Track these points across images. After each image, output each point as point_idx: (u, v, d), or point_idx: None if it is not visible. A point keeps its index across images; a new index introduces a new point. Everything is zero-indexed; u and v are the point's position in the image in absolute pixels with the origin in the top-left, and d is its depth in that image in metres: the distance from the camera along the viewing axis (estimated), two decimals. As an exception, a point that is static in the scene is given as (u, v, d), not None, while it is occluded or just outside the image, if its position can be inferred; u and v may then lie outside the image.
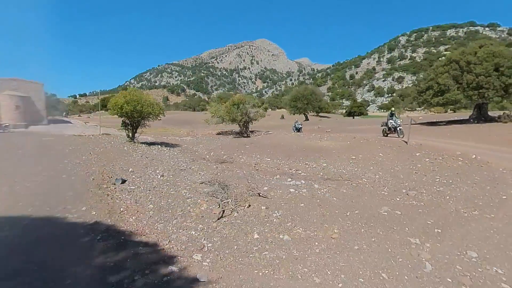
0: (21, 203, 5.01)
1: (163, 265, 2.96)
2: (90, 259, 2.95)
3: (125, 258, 3.01)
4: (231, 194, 5.38)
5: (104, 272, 2.75)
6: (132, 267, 2.84)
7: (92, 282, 2.56)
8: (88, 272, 2.70)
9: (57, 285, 2.46)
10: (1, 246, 3.17)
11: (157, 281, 2.64)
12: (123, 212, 4.83)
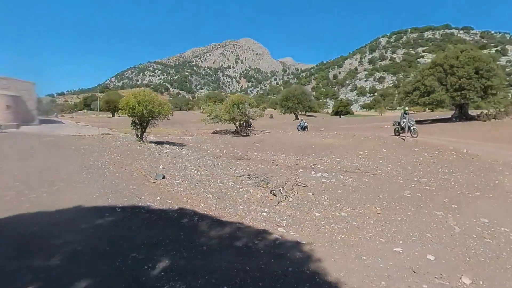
0: (95, 196, 5.64)
1: (265, 234, 3.81)
2: (206, 232, 3.74)
3: (232, 231, 3.83)
4: (276, 184, 6.28)
5: (226, 240, 3.55)
6: (245, 236, 3.66)
7: (224, 247, 3.35)
8: (214, 241, 3.49)
9: (200, 250, 3.23)
10: (123, 227, 3.89)
11: (272, 243, 3.48)
12: (189, 201, 5.58)
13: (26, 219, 4.06)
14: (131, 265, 2.75)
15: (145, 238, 3.48)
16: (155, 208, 4.77)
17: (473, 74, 18.59)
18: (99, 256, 2.94)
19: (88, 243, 3.23)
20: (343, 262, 3.03)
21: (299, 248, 3.34)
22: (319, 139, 14.74)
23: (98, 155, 11.06)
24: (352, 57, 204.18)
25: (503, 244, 3.62)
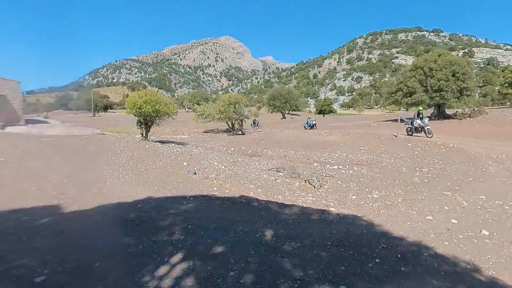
0: (155, 188, 6.28)
1: (326, 211, 4.75)
2: (281, 211, 4.61)
3: (300, 210, 4.70)
4: (305, 175, 7.25)
5: (301, 215, 4.45)
6: (314, 213, 4.58)
7: (305, 220, 4.24)
8: (293, 216, 4.37)
9: (288, 223, 4.09)
10: (209, 210, 4.66)
11: (338, 216, 4.42)
12: (239, 191, 6.40)
13: (115, 208, 4.72)
14: (245, 235, 3.58)
15: (237, 217, 4.30)
16: (221, 196, 5.55)
17: (450, 77, 20.64)
18: (213, 230, 3.74)
19: (192, 222, 4.01)
20: (397, 226, 4.04)
21: (360, 219, 4.31)
22: (319, 136, 15.90)
23: (114, 154, 11.45)
24: (331, 57, 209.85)
25: (501, 211, 4.83)
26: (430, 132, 14.00)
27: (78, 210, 4.52)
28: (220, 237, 3.43)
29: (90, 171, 7.92)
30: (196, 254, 2.97)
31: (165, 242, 3.26)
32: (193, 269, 2.68)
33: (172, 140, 19.22)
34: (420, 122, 14.70)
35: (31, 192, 5.72)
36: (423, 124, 14.53)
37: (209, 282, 2.49)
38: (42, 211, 4.51)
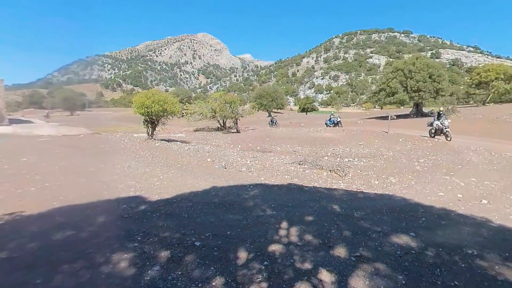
0: (211, 179, 7.18)
1: (363, 192, 5.96)
2: (332, 193, 5.77)
3: (344, 192, 5.89)
4: (327, 166, 8.47)
5: (349, 195, 5.61)
6: (358, 193, 5.77)
7: (356, 198, 5.40)
8: (344, 196, 5.52)
9: (345, 200, 5.22)
10: (279, 193, 5.70)
11: (376, 194, 5.65)
12: (279, 181, 7.48)
13: (194, 196, 5.61)
14: (319, 209, 4.68)
15: (302, 198, 5.38)
16: (272, 184, 6.61)
17: (428, 78, 22.97)
18: (292, 207, 4.80)
19: (271, 203, 5.05)
20: (422, 200, 5.35)
21: (393, 196, 5.58)
22: (316, 133, 17.27)
23: (132, 152, 12.06)
24: (309, 55, 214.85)
25: (490, 188, 6.35)
26: (449, 135, 12.95)
27: (161, 199, 5.37)
28: (302, 211, 4.51)
29: (131, 168, 8.58)
30: (296, 222, 4.04)
31: (266, 216, 4.29)
32: (304, 230, 3.75)
33: (173, 138, 19.77)
34: (439, 123, 13.61)
35: (99, 186, 6.41)
36: (443, 126, 13.37)
37: (321, 237, 3.58)
38: (131, 200, 5.31)
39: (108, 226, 3.99)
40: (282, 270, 2.79)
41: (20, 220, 4.33)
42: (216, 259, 2.98)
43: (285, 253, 3.16)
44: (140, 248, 3.24)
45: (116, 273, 2.74)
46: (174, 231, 3.72)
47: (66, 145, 13.80)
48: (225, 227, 3.88)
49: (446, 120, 13.56)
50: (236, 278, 2.66)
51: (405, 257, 3.07)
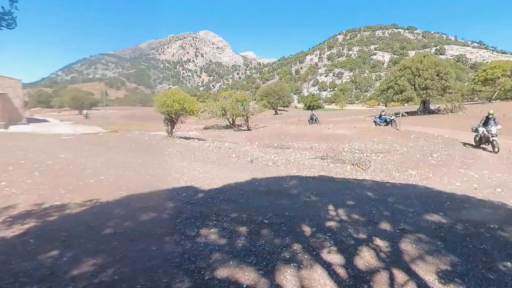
0: (248, 172, 7.92)
1: (389, 182, 6.69)
2: (362, 183, 6.49)
3: (373, 182, 6.60)
4: (349, 160, 9.17)
5: (378, 184, 6.32)
6: (383, 183, 6.48)
7: (384, 187, 6.12)
8: (374, 186, 6.24)
9: (374, 189, 5.94)
10: (316, 184, 6.42)
11: (401, 184, 6.36)
12: (309, 173, 8.20)
13: (241, 185, 6.35)
14: (356, 195, 5.40)
15: (336, 186, 6.12)
16: (304, 175, 7.34)
17: (435, 76, 23.51)
18: (331, 194, 5.52)
19: (311, 191, 5.77)
20: (443, 188, 6.05)
21: (416, 185, 6.29)
22: (328, 130, 17.95)
23: (160, 149, 12.81)
24: (312, 52, 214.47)
25: (503, 179, 7.03)
26: (496, 146, 10.54)
27: (212, 188, 6.11)
28: (342, 197, 5.23)
29: (168, 163, 9.34)
30: (340, 205, 4.76)
31: (312, 201, 5.02)
32: (349, 211, 4.47)
33: (189, 136, 20.52)
34: (485, 130, 11.08)
35: (149, 179, 7.16)
36: (490, 133, 10.83)
37: (366, 216, 4.30)
38: (186, 189, 6.06)
39: (180, 209, 4.73)
40: (344, 239, 3.51)
41: (102, 206, 5.09)
42: (287, 232, 3.71)
43: (341, 227, 3.88)
44: (220, 225, 3.97)
45: (211, 242, 3.47)
46: (240, 213, 4.46)
47: (92, 143, 14.60)
48: (281, 209, 4.61)
49: (495, 127, 10.88)
50: (310, 244, 3.38)
51: (439, 230, 3.79)
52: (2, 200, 5.43)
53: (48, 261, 3.09)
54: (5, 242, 3.63)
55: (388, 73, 31.55)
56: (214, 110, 27.62)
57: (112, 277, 2.73)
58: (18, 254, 3.29)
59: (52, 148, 12.66)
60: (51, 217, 4.51)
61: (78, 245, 3.48)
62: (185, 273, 2.72)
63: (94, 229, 3.98)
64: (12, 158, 9.63)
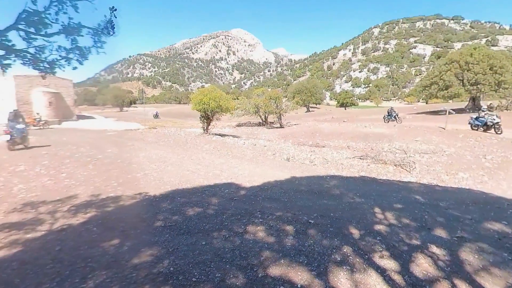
0: (285, 170, 7.95)
1: (437, 185, 6.30)
2: (407, 185, 6.19)
3: (418, 185, 6.28)
4: (391, 161, 8.75)
5: (425, 186, 6.00)
6: (431, 186, 6.13)
7: (433, 190, 5.79)
8: (421, 188, 5.93)
9: (421, 192, 5.64)
10: (347, 186, 6.26)
11: (453, 188, 5.96)
12: (349, 173, 7.99)
13: (281, 183, 6.36)
14: (403, 199, 5.15)
15: (381, 188, 5.88)
16: (349, 176, 7.17)
17: (488, 70, 21.44)
18: (376, 196, 5.32)
19: (355, 192, 5.61)
20: (501, 193, 5.54)
21: (470, 190, 5.84)
22: (366, 129, 17.25)
23: (197, 145, 13.20)
24: (346, 47, 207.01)
25: None
26: None
27: (253, 186, 6.18)
28: (389, 200, 5.01)
29: (206, 160, 9.61)
30: (387, 208, 4.56)
31: (357, 203, 4.87)
32: (398, 215, 4.27)
33: (223, 133, 20.95)
34: None
35: (190, 174, 7.43)
36: None
37: (417, 221, 4.07)
38: (228, 186, 6.19)
39: (225, 205, 4.86)
40: (396, 244, 3.36)
41: (151, 199, 5.39)
42: (335, 234, 3.64)
43: (391, 232, 3.72)
44: (266, 223, 4.01)
45: (259, 239, 3.51)
46: (284, 211, 4.46)
47: (133, 139, 15.52)
48: (325, 210, 4.53)
49: None
50: (360, 247, 3.29)
51: (504, 240, 3.47)
52: (64, 190, 5.99)
53: (111, 249, 3.35)
54: (72, 229, 4.00)
55: (431, 68, 29.35)
56: (247, 107, 27.90)
57: (168, 268, 2.88)
58: (85, 241, 3.60)
59: (100, 143, 13.69)
60: (108, 208, 4.88)
61: (135, 235, 3.72)
62: (238, 269, 2.78)
63: (147, 221, 4.23)
64: (67, 152, 10.60)
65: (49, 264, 3.02)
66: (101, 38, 3.00)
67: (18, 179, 6.80)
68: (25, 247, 3.51)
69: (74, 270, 2.87)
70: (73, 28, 2.80)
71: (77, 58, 3.09)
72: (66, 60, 3.06)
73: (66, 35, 2.86)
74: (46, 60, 2.98)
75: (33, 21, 2.60)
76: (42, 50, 2.89)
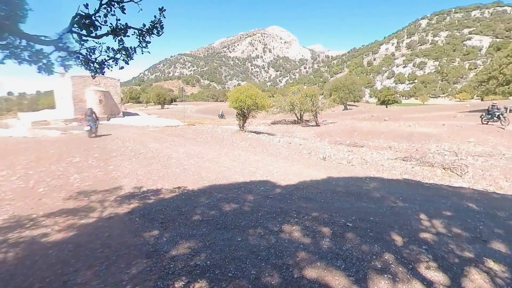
0: (311, 170, 7.78)
1: (493, 193, 5.67)
2: (457, 190, 5.70)
3: (471, 191, 5.72)
4: (438, 164, 8.06)
5: (480, 194, 5.45)
6: (488, 193, 5.55)
7: (481, 195, 5.25)
8: (474, 195, 5.40)
9: (474, 200, 5.13)
10: (388, 189, 5.91)
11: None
12: (391, 175, 7.56)
13: (317, 184, 6.20)
14: (453, 205, 4.71)
15: (426, 192, 5.47)
16: (391, 178, 6.79)
17: (561, 62, 18.69)
18: (421, 202, 4.94)
19: (397, 196, 5.27)
20: None
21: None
22: (411, 128, 16.09)
23: (233, 142, 13.38)
24: (388, 42, 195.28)
25: None
26: None
27: (288, 184, 6.11)
28: (436, 206, 4.61)
29: (242, 156, 9.72)
30: (435, 215, 4.19)
31: (400, 207, 4.56)
32: (448, 223, 3.90)
33: (258, 130, 21.05)
34: None
35: (226, 170, 7.57)
36: None
37: (470, 231, 3.68)
38: (263, 183, 6.19)
39: (260, 203, 4.86)
40: (445, 255, 3.07)
41: (189, 193, 5.59)
42: (375, 239, 3.44)
43: (439, 241, 3.41)
44: (301, 223, 3.92)
45: (295, 240, 3.44)
46: (320, 212, 4.33)
47: (173, 135, 16.26)
48: (364, 213, 4.31)
49: None
50: (403, 255, 3.06)
51: None
52: (111, 182, 6.48)
53: (151, 240, 3.53)
54: (118, 218, 4.31)
55: (489, 61, 26.40)
56: (283, 105, 27.68)
57: (205, 261, 2.95)
58: (129, 230, 3.85)
59: (143, 138, 14.55)
60: (149, 200, 5.16)
61: (173, 228, 3.88)
62: (273, 268, 2.76)
63: (185, 214, 4.39)
64: (114, 146, 11.45)
65: (99, 249, 3.27)
66: (145, 38, 3.15)
67: (74, 169, 7.51)
68: (79, 231, 3.86)
69: (119, 256, 3.08)
70: (120, 29, 2.97)
71: (124, 58, 3.29)
72: (114, 60, 3.27)
73: (114, 36, 3.05)
74: (96, 60, 3.22)
75: (84, 24, 2.81)
76: (93, 51, 3.12)
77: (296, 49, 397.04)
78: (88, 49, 2.93)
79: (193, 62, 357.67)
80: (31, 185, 6.20)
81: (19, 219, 4.39)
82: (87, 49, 2.92)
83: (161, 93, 72.42)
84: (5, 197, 5.51)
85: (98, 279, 2.63)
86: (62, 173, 7.16)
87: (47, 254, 3.19)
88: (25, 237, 3.72)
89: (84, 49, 2.89)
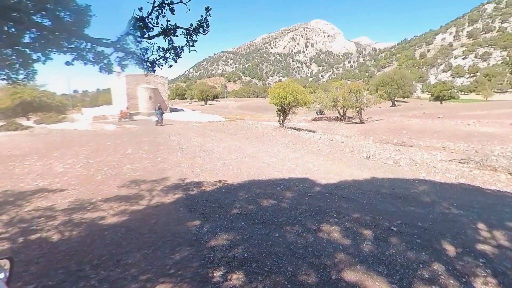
0: (355, 170, 7.49)
1: None
2: None
3: None
4: (503, 167, 7.15)
5: None
6: None
7: None
8: None
9: None
10: (440, 194, 5.43)
11: None
12: (444, 178, 6.95)
13: (360, 184, 5.95)
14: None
15: (493, 201, 4.93)
16: (445, 182, 6.26)
17: None
18: (479, 210, 4.46)
19: (451, 202, 4.82)
20: None
21: None
22: (470, 127, 14.50)
23: (272, 139, 13.36)
24: (446, 31, 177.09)
25: None
26: None
27: (328, 183, 5.94)
28: (498, 215, 4.11)
29: (281, 153, 9.70)
30: (496, 226, 3.75)
31: (453, 214, 4.16)
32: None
33: (299, 127, 20.77)
34: None
35: (265, 166, 7.63)
36: None
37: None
38: (302, 181, 6.11)
39: (299, 200, 4.81)
40: (507, 272, 2.73)
41: (229, 187, 5.76)
42: (422, 246, 3.19)
43: (501, 255, 3.04)
44: (341, 224, 3.80)
45: (334, 240, 3.35)
46: (362, 214, 4.14)
47: (215, 130, 16.83)
48: (411, 218, 4.02)
49: None
50: (455, 267, 2.79)
51: None
52: (159, 172, 6.96)
53: (193, 229, 3.73)
54: (164, 206, 4.62)
55: None
56: (325, 101, 26.89)
57: (243, 254, 3.02)
58: (173, 218, 4.11)
59: (187, 132, 15.32)
60: (192, 192, 5.44)
61: (213, 219, 4.05)
62: (310, 267, 2.73)
63: (225, 207, 4.54)
64: (161, 139, 12.26)
65: (147, 234, 3.56)
66: (192, 37, 3.29)
67: (127, 160, 8.23)
68: (130, 216, 4.23)
69: (165, 242, 3.31)
70: (170, 29, 3.15)
71: (173, 57, 3.48)
72: (164, 59, 3.48)
73: (164, 36, 3.25)
74: (148, 60, 3.46)
75: (139, 25, 3.04)
76: (146, 51, 3.36)
77: (340, 43, 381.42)
78: (142, 49, 3.16)
79: (235, 59, 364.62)
80: (91, 173, 6.95)
81: (81, 202, 4.96)
82: (141, 50, 3.16)
83: (204, 90, 75.28)
84: (71, 182, 6.26)
85: (146, 261, 2.87)
86: (117, 163, 7.89)
87: (103, 235, 3.56)
88: (86, 218, 4.19)
89: (139, 49, 3.13)
